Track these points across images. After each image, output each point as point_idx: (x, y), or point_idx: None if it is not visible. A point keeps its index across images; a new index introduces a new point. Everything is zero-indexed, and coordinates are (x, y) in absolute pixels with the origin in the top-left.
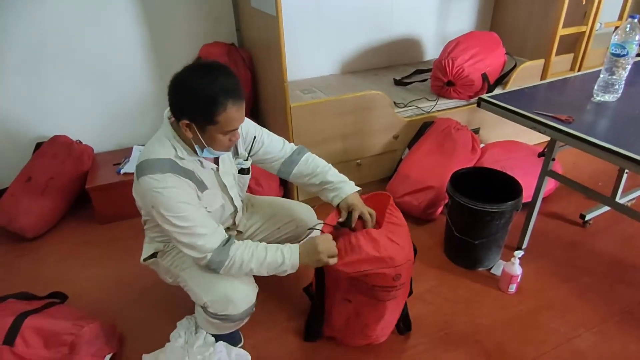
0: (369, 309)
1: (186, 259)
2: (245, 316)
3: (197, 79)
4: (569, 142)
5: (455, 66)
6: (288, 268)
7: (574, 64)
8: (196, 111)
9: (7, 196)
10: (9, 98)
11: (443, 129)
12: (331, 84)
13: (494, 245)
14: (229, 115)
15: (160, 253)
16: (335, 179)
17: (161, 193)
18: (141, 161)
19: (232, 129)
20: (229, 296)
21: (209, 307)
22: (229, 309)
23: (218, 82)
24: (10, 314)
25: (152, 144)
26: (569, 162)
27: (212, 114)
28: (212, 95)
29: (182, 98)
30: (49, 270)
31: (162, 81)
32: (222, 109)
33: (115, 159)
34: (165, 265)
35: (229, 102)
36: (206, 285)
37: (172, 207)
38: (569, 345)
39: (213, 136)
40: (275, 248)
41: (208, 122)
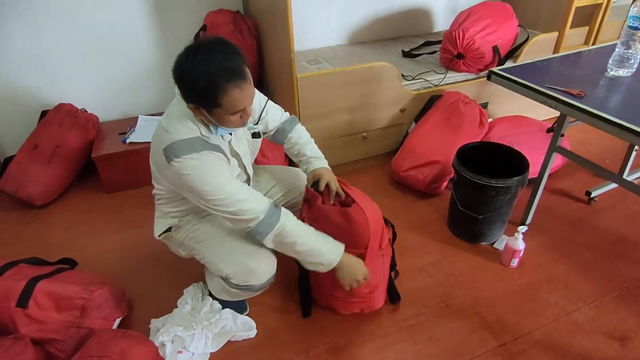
0: None
1: (202, 232)
2: (266, 286)
3: (194, 64)
4: (580, 117)
5: (466, 38)
6: (325, 262)
7: (589, 37)
8: (198, 97)
9: (14, 164)
10: (14, 65)
11: (451, 103)
12: (338, 55)
13: (498, 220)
14: (232, 97)
15: (174, 227)
16: (310, 154)
17: (201, 169)
18: (169, 144)
19: (239, 109)
20: (251, 267)
21: (231, 278)
22: (251, 280)
23: (216, 64)
24: (22, 277)
25: (172, 124)
26: (577, 138)
27: (214, 98)
28: (211, 80)
29: (183, 85)
30: (57, 237)
31: (167, 49)
32: (223, 93)
33: (120, 128)
34: (179, 239)
35: (229, 85)
36: (227, 257)
37: (215, 181)
38: (567, 318)
39: (222, 117)
40: (323, 236)
41: (213, 106)
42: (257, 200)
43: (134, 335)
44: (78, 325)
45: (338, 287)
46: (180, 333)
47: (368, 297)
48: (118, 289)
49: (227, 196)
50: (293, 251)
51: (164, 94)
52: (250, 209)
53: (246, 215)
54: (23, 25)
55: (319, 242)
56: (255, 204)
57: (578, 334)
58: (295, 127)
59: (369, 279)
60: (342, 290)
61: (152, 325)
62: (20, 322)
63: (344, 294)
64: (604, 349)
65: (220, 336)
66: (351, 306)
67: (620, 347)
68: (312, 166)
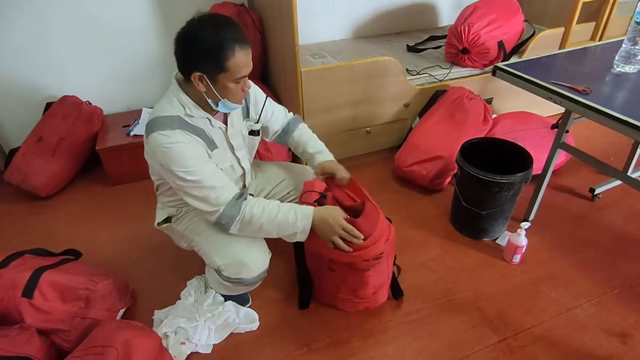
0: (353, 277)
1: (200, 224)
2: (258, 280)
3: (202, 29)
4: (585, 113)
5: (472, 33)
6: (299, 230)
7: (595, 33)
8: (205, 61)
9: (19, 155)
10: (18, 57)
11: (455, 98)
12: (342, 49)
13: (500, 217)
14: (237, 60)
15: (174, 218)
16: (313, 150)
17: (170, 148)
18: (150, 119)
19: (242, 75)
20: (243, 261)
21: (223, 270)
22: (242, 273)
23: (222, 29)
24: (27, 268)
25: (160, 103)
26: (581, 135)
27: (222, 60)
28: (219, 42)
29: (190, 50)
30: (62, 228)
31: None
32: (230, 54)
33: (124, 120)
34: (180, 230)
35: (236, 46)
36: (221, 249)
37: (182, 162)
38: (568, 314)
39: (225, 86)
40: (288, 207)
41: (218, 71)
42: (222, 190)
43: (138, 326)
44: (83, 315)
45: (341, 289)
46: (183, 324)
47: (372, 297)
48: (122, 281)
49: (198, 179)
50: (264, 233)
51: (168, 87)
52: (214, 199)
53: (208, 205)
54: (27, 17)
55: (285, 214)
56: (220, 194)
57: (579, 330)
58: (298, 126)
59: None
60: (345, 291)
61: (155, 316)
62: (26, 312)
63: (347, 295)
64: (604, 346)
65: (223, 328)
66: (356, 305)
67: (621, 344)
68: (317, 161)
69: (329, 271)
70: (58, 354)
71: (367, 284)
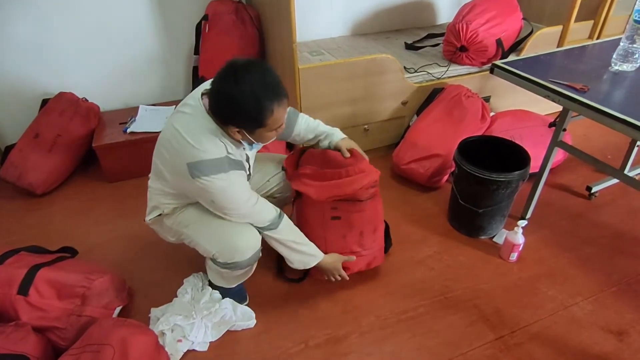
0: (358, 215)
1: (188, 216)
2: (253, 262)
3: (239, 86)
4: (583, 112)
5: (470, 31)
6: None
7: (593, 31)
8: (245, 121)
9: (15, 152)
10: (15, 53)
11: (453, 96)
12: (340, 46)
13: (498, 215)
14: (276, 117)
15: (165, 213)
16: (326, 129)
17: (228, 190)
18: (196, 161)
19: (279, 125)
20: (234, 244)
21: (217, 257)
22: (235, 257)
23: (259, 84)
24: (23, 265)
25: (199, 140)
26: (579, 134)
27: (261, 120)
28: (258, 102)
29: (227, 109)
30: (58, 225)
31: (169, 39)
32: (269, 115)
33: (121, 117)
34: (168, 225)
35: (274, 105)
36: (212, 237)
37: (239, 199)
38: (565, 312)
39: (262, 135)
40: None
41: (257, 127)
42: (267, 212)
43: (135, 324)
44: (79, 313)
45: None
46: (180, 322)
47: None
48: (118, 278)
49: (246, 212)
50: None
51: (165, 84)
52: (261, 220)
53: (256, 223)
54: (24, 13)
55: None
56: (266, 215)
57: (576, 328)
58: (299, 119)
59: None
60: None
61: (152, 314)
62: (22, 310)
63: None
64: (601, 343)
65: (220, 325)
66: (359, 261)
67: (618, 341)
68: (335, 138)
69: (333, 222)
70: (54, 352)
71: (370, 221)
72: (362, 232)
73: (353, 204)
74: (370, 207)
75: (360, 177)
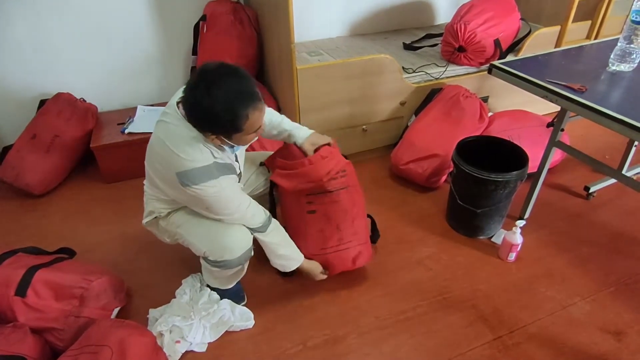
0: (332, 207)
1: (180, 216)
2: (243, 261)
3: (211, 96)
4: (581, 112)
5: (468, 31)
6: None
7: (591, 31)
8: (220, 128)
9: (13, 153)
10: (12, 53)
11: (451, 96)
12: (339, 47)
13: (496, 215)
14: (252, 121)
15: (162, 216)
16: (289, 127)
17: (219, 196)
18: (184, 171)
19: (257, 128)
20: (224, 243)
21: (208, 256)
22: (225, 255)
23: (232, 92)
24: (20, 266)
25: (183, 149)
26: (577, 134)
27: (237, 127)
28: (232, 111)
29: (202, 120)
30: (56, 226)
31: (167, 40)
32: (245, 120)
33: (119, 118)
34: (163, 226)
35: (249, 110)
36: (203, 236)
37: (231, 204)
38: (563, 312)
39: (240, 139)
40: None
41: (234, 132)
42: (258, 215)
43: (133, 325)
44: (77, 314)
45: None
46: (178, 323)
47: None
48: (116, 279)
49: (240, 216)
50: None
51: (163, 84)
52: (252, 222)
53: (248, 225)
54: (22, 13)
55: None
56: (257, 218)
57: (574, 328)
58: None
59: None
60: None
61: (150, 315)
62: (19, 311)
63: (334, 242)
64: (599, 344)
65: (218, 326)
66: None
67: (616, 341)
68: (300, 137)
69: (310, 216)
70: (52, 353)
71: (346, 212)
72: (339, 225)
73: (325, 195)
74: (344, 198)
75: (322, 163)
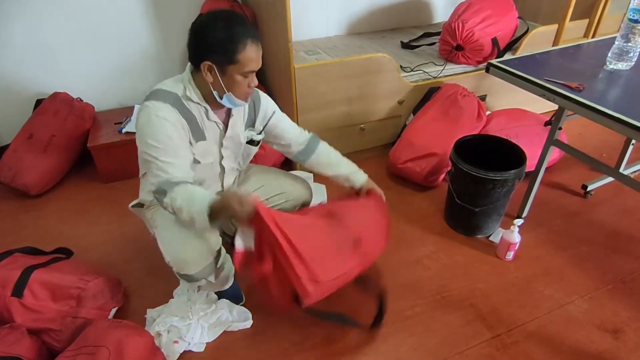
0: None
1: (158, 217)
2: (206, 275)
3: (216, 22)
4: (578, 110)
5: (465, 30)
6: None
7: (589, 30)
8: (217, 51)
9: (9, 152)
10: (8, 53)
11: (449, 95)
12: (336, 46)
13: (494, 213)
14: (247, 54)
15: (145, 205)
16: (347, 170)
17: (152, 120)
18: (150, 91)
19: (251, 69)
20: (181, 257)
21: (171, 266)
22: (184, 269)
23: (236, 23)
24: (17, 267)
25: (166, 81)
26: (574, 133)
27: (233, 52)
28: (232, 34)
29: (202, 40)
30: (53, 226)
31: (164, 39)
32: (241, 48)
33: (116, 117)
34: (147, 218)
35: (248, 40)
36: (167, 244)
37: (158, 136)
38: (561, 310)
39: (233, 78)
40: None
41: (228, 62)
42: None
43: (130, 325)
44: (74, 315)
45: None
46: (176, 323)
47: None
48: (114, 279)
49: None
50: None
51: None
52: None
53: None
54: (18, 12)
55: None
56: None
57: (572, 326)
58: (319, 147)
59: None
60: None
61: (148, 315)
62: (16, 312)
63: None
64: (597, 342)
65: (216, 326)
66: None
67: (613, 339)
68: (358, 181)
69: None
70: (49, 354)
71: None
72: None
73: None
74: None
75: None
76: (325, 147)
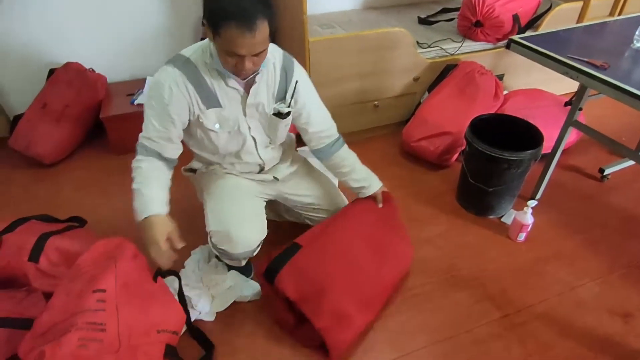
0: None
1: (213, 185)
2: (243, 258)
3: None
4: (602, 89)
5: (486, 5)
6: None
7: (615, 8)
8: (208, 13)
9: (23, 122)
10: (21, 22)
11: (466, 73)
12: (351, 20)
13: (507, 194)
14: (229, 34)
15: (198, 171)
16: (359, 176)
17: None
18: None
19: (232, 51)
20: (231, 234)
21: (212, 236)
22: (226, 245)
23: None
24: (33, 233)
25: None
26: (594, 115)
27: (216, 24)
28: (224, 5)
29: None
30: (66, 196)
31: (176, 11)
32: (225, 24)
33: (128, 89)
34: (199, 185)
35: (233, 21)
36: (217, 214)
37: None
38: (571, 293)
39: (219, 50)
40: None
41: (214, 31)
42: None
43: None
44: None
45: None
46: (187, 292)
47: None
48: None
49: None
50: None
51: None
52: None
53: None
54: None
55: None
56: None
57: (582, 309)
58: (341, 150)
59: None
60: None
61: None
62: (32, 276)
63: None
64: (606, 325)
65: (227, 297)
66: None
67: (624, 323)
68: (371, 189)
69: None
70: None
71: None
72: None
73: None
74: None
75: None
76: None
